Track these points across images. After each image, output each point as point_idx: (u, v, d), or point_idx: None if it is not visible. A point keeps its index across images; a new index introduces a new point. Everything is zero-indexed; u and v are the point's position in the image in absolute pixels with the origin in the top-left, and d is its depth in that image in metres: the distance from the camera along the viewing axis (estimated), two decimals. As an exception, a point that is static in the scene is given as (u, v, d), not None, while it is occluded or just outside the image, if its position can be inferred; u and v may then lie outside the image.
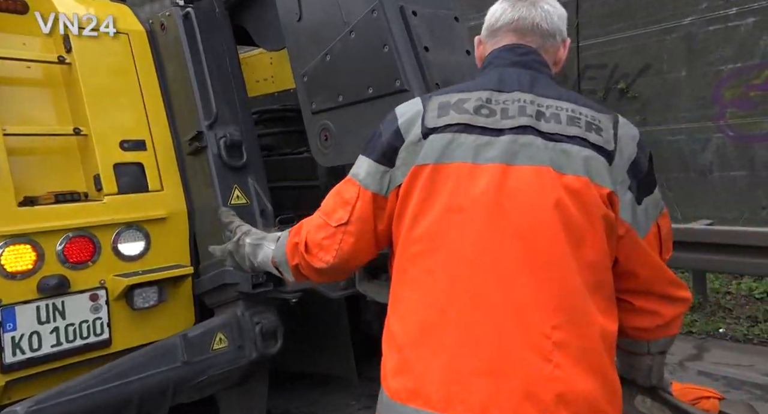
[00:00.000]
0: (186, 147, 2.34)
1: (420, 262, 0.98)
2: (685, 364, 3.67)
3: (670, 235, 1.07)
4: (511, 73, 1.06)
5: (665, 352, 1.17)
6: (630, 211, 0.97)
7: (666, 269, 1.03)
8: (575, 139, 0.97)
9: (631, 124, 1.05)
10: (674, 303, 1.06)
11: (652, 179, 1.03)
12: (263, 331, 2.19)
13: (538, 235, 0.93)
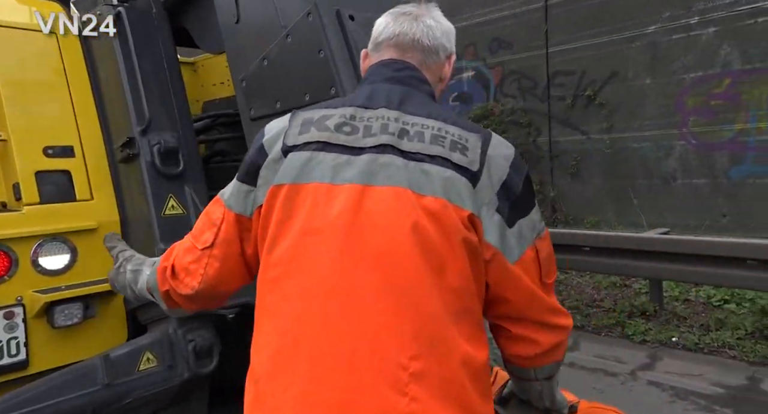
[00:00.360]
0: (118, 154, 2.23)
1: (277, 289, 0.92)
2: (637, 374, 3.68)
3: (552, 259, 1.02)
4: (382, 90, 1.02)
5: (552, 377, 1.12)
6: (497, 234, 0.92)
7: (542, 296, 0.98)
8: (437, 159, 0.92)
9: (507, 144, 1.00)
10: (553, 330, 1.00)
11: (529, 201, 0.98)
12: (197, 350, 2.08)
13: (396, 260, 0.88)
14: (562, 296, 5.23)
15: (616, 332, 4.39)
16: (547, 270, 0.99)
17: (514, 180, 0.95)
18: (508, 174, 0.94)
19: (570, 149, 7.78)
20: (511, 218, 0.93)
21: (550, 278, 1.01)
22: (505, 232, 0.92)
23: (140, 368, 1.97)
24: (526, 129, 8.14)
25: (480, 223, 0.90)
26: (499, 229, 0.91)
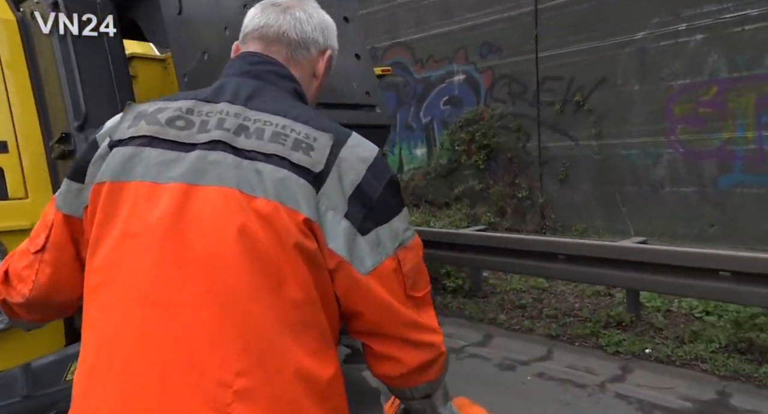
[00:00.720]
0: (54, 150, 2.16)
1: (97, 298, 0.84)
2: (606, 386, 3.60)
3: (420, 270, 0.93)
4: (232, 83, 0.95)
5: (432, 395, 1.03)
6: (344, 241, 0.84)
7: (403, 310, 0.89)
8: (273, 158, 0.85)
9: (368, 146, 0.92)
10: (418, 349, 0.91)
11: (390, 208, 0.90)
12: None
13: (221, 267, 0.80)
14: (541, 304, 5.15)
15: (591, 342, 4.30)
16: (413, 282, 0.91)
17: (371, 184, 0.87)
18: (363, 177, 0.87)
19: (559, 155, 7.70)
20: (365, 225, 0.86)
21: (419, 291, 0.92)
22: (355, 240, 0.85)
23: (67, 378, 1.89)
24: (515, 134, 8.07)
25: (319, 228, 0.83)
26: (347, 236, 0.84)
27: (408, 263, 0.90)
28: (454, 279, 5.55)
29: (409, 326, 0.90)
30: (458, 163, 8.66)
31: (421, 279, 0.93)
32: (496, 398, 3.40)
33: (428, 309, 0.95)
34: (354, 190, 0.86)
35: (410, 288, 0.90)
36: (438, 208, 8.70)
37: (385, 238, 0.87)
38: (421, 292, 0.92)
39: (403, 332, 0.90)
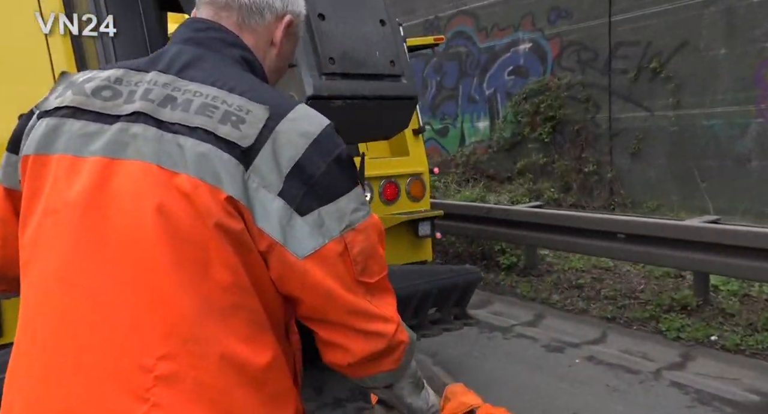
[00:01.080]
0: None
1: (27, 274, 0.82)
2: (662, 373, 3.35)
3: (373, 254, 0.85)
4: (172, 51, 0.88)
5: (395, 386, 0.96)
6: (277, 222, 0.78)
7: (347, 297, 0.82)
8: (197, 131, 0.78)
9: (315, 119, 0.84)
10: (367, 338, 0.84)
11: (336, 186, 0.82)
12: None
13: (142, 248, 0.75)
14: (600, 285, 4.88)
15: (650, 326, 4.02)
16: (364, 267, 0.83)
17: (313, 161, 0.80)
18: (303, 153, 0.79)
19: (632, 127, 7.19)
20: (305, 205, 0.79)
21: (371, 277, 0.84)
22: (291, 221, 0.78)
23: None
24: (584, 105, 7.61)
25: (246, 208, 0.76)
26: (280, 216, 0.78)
27: (357, 246, 0.82)
28: (508, 256, 5.37)
29: (355, 314, 0.83)
30: (522, 137, 8.31)
31: (375, 264, 0.85)
32: (538, 380, 3.27)
33: (384, 296, 0.87)
34: (293, 167, 0.78)
35: (360, 273, 0.83)
36: (499, 183, 8.43)
37: (330, 219, 0.80)
38: (374, 278, 0.85)
39: (349, 320, 0.83)
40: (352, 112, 1.71)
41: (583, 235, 4.31)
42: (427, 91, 9.87)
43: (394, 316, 0.86)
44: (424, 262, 3.55)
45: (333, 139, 0.83)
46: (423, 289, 2.90)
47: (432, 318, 3.08)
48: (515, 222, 4.78)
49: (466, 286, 3.10)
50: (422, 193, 3.63)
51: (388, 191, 3.49)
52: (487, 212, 4.99)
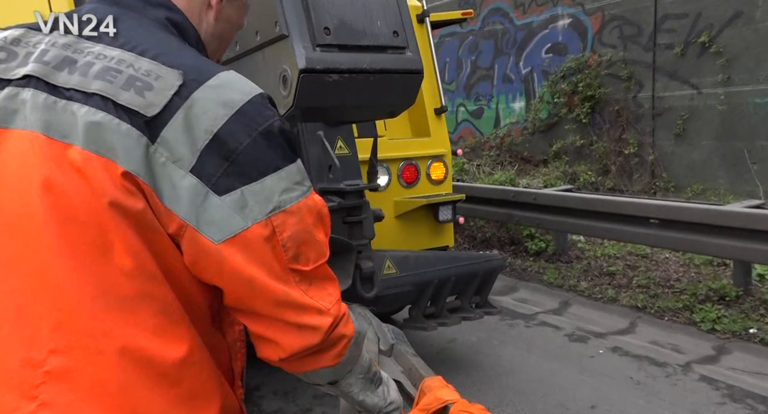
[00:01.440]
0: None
1: None
2: (692, 367, 3.14)
3: (309, 240, 0.76)
4: (83, 10, 0.81)
5: (340, 382, 0.88)
6: (188, 202, 0.69)
7: (276, 287, 0.73)
8: (93, 98, 0.69)
9: (242, 87, 0.74)
10: (300, 331, 0.75)
11: (264, 163, 0.72)
12: None
13: (30, 229, 0.68)
14: (633, 272, 4.63)
15: (683, 317, 3.79)
16: (297, 254, 0.74)
17: (235, 133, 0.71)
18: (223, 125, 0.70)
19: (677, 106, 6.77)
20: (224, 183, 0.70)
21: (306, 264, 0.75)
22: (205, 201, 0.69)
23: None
24: (625, 83, 7.22)
25: (147, 185, 0.68)
26: (192, 195, 0.69)
27: (288, 230, 0.73)
28: (537, 242, 5.18)
29: (284, 305, 0.74)
30: (558, 118, 7.98)
31: (310, 250, 0.76)
32: (558, 370, 3.13)
33: (324, 285, 0.78)
34: (210, 141, 0.69)
35: (292, 260, 0.74)
36: (534, 166, 8.15)
37: (254, 200, 0.71)
38: (309, 265, 0.76)
39: (278, 312, 0.74)
40: (351, 88, 1.59)
41: (614, 220, 4.08)
42: (461, 72, 9.61)
43: (333, 307, 0.77)
44: (445, 248, 3.43)
45: (262, 110, 0.74)
46: (440, 276, 2.80)
47: (451, 306, 2.98)
48: (543, 206, 4.58)
49: (487, 273, 2.98)
50: (444, 176, 3.49)
51: (407, 174, 3.36)
52: (513, 196, 4.80)
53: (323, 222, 0.79)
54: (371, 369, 0.93)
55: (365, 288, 2.48)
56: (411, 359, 1.36)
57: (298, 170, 0.76)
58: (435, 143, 3.47)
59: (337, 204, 2.45)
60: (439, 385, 1.21)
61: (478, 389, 2.92)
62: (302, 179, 0.76)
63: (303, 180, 0.76)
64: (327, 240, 0.79)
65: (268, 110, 0.74)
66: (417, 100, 3.67)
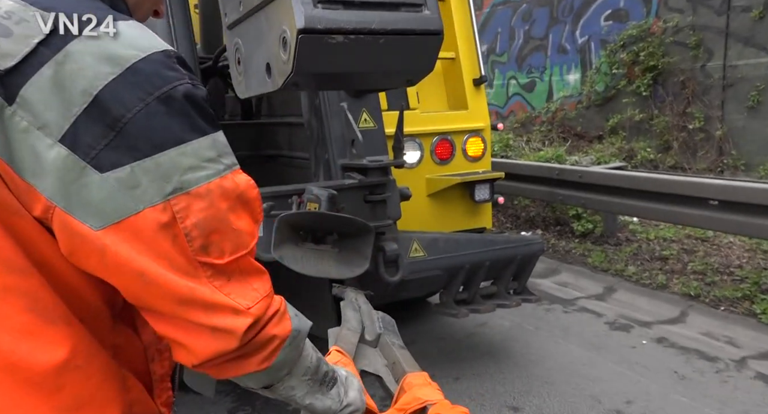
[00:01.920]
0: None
1: None
2: (747, 362, 2.87)
3: (221, 227, 0.63)
4: None
5: (276, 386, 0.76)
6: (57, 178, 0.58)
7: (177, 283, 0.61)
8: None
9: (137, 40, 0.62)
10: (214, 334, 0.63)
11: (162, 134, 0.61)
12: None
13: None
14: (689, 258, 4.30)
15: (741, 307, 3.47)
16: (205, 244, 0.63)
17: (123, 97, 0.59)
18: (107, 86, 0.58)
19: (751, 75, 6.19)
20: (107, 157, 0.58)
21: (220, 256, 0.64)
22: (81, 179, 0.58)
23: None
24: (693, 51, 6.65)
25: (0, 157, 0.58)
26: (60, 170, 0.58)
27: (193, 216, 0.62)
28: (584, 222, 4.90)
29: (189, 303, 0.62)
30: (616, 90, 7.48)
31: (225, 239, 0.64)
32: (594, 360, 2.94)
33: (246, 280, 0.66)
34: (89, 104, 0.58)
35: (200, 251, 0.62)
36: (588, 143, 7.72)
37: (148, 179, 0.60)
38: (225, 258, 0.64)
39: (182, 311, 0.63)
40: (358, 52, 1.41)
41: (667, 201, 3.76)
42: (513, 43, 9.17)
43: (256, 306, 0.65)
44: (482, 230, 3.23)
45: (162, 71, 0.61)
46: (473, 260, 2.62)
47: (486, 292, 2.79)
48: (589, 185, 4.29)
49: (526, 258, 2.77)
50: (481, 152, 3.27)
51: (441, 149, 3.16)
52: (558, 174, 4.53)
53: (248, 207, 0.67)
54: (320, 369, 0.83)
55: (389, 271, 2.33)
56: (396, 352, 1.26)
57: (213, 145, 0.64)
58: (473, 116, 3.24)
59: (357, 181, 2.31)
60: (422, 382, 1.12)
61: (504, 377, 2.78)
62: (217, 156, 0.64)
63: (219, 157, 0.64)
64: (253, 228, 0.68)
65: (173, 71, 0.62)
66: (455, 69, 3.44)
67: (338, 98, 2.47)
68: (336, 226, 1.75)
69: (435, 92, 3.30)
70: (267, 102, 3.21)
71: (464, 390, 2.67)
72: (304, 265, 1.69)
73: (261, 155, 3.04)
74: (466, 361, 2.96)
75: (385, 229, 2.33)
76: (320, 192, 1.92)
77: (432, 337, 3.23)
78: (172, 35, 2.09)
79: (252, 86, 1.63)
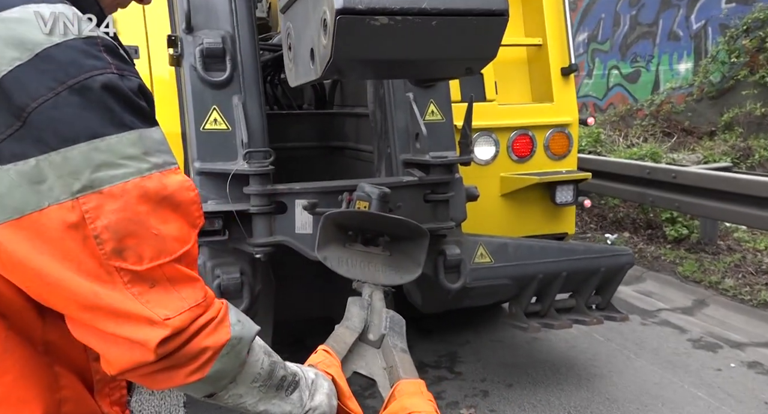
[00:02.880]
0: (169, 58, 2.24)
1: None
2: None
3: (138, 231, 0.60)
4: None
5: (216, 395, 0.72)
6: None
7: (82, 286, 0.58)
8: None
9: (48, 25, 0.59)
10: (131, 346, 0.60)
11: (72, 126, 0.58)
12: (222, 289, 1.94)
13: None
14: (742, 253, 3.80)
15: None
16: (118, 248, 0.59)
17: (29, 85, 0.57)
18: (11, 72, 0.57)
19: None
20: (8, 149, 0.57)
21: (138, 262, 0.60)
22: None
23: None
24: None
25: None
26: None
27: (106, 217, 0.58)
28: (678, 227, 4.49)
29: (96, 311, 0.59)
30: (735, 81, 6.74)
31: (143, 244, 0.60)
32: (669, 380, 2.70)
33: (172, 289, 0.62)
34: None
35: (113, 255, 0.59)
36: (698, 139, 7.04)
37: (55, 174, 0.57)
38: (143, 264, 0.60)
39: (89, 318, 0.60)
40: (406, 35, 1.28)
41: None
42: (617, 30, 8.53)
43: (175, 316, 0.61)
44: (563, 235, 2.99)
45: (80, 59, 0.59)
46: (547, 270, 2.39)
47: (563, 305, 2.55)
48: (684, 186, 3.90)
49: (612, 270, 2.48)
50: (566, 150, 3.02)
51: (520, 145, 2.95)
52: (649, 173, 4.16)
53: (179, 211, 0.63)
54: (274, 374, 0.77)
55: (450, 278, 2.20)
56: (396, 356, 1.19)
57: (137, 141, 0.60)
58: (559, 110, 2.99)
59: (417, 178, 2.17)
60: (413, 391, 1.04)
61: (561, 389, 2.63)
62: (142, 153, 0.60)
63: (144, 154, 0.61)
64: (186, 233, 0.64)
65: (94, 60, 0.59)
66: (541, 57, 3.20)
67: (404, 88, 2.34)
68: (387, 228, 1.65)
69: (517, 82, 3.07)
70: (340, 91, 3.19)
71: (515, 398, 2.56)
72: (349, 269, 1.61)
73: (329, 146, 3.03)
74: (522, 367, 2.84)
75: (446, 232, 2.19)
76: (371, 190, 1.83)
77: (488, 339, 3.13)
78: (233, 19, 2.06)
79: (300, 74, 1.58)
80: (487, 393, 2.59)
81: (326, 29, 1.25)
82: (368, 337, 1.28)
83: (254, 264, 2.04)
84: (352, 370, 1.15)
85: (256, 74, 2.15)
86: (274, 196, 1.96)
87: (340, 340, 1.18)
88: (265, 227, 1.98)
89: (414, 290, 2.46)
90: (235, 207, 1.92)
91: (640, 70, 8.18)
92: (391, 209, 1.99)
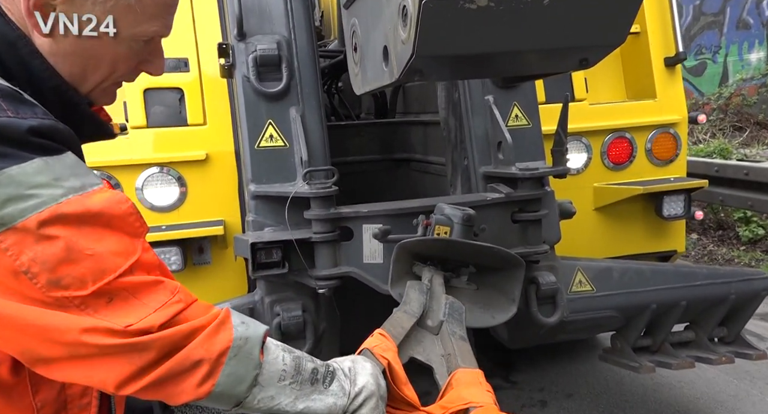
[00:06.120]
0: (220, 69, 2.00)
1: None
2: None
3: (72, 258, 0.63)
4: None
5: (244, 402, 0.74)
6: None
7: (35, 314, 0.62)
8: None
9: None
10: (110, 364, 0.65)
11: None
12: (282, 329, 1.74)
13: None
14: None
15: None
16: (54, 279, 0.63)
17: None
18: None
19: None
20: None
21: (80, 287, 0.64)
22: None
23: None
24: None
25: None
26: None
27: (30, 250, 0.62)
28: (753, 227, 4.14)
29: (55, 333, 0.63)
30: (814, 68, 6.17)
31: (79, 269, 0.64)
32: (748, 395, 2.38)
33: (130, 297, 0.67)
34: None
35: (51, 287, 0.63)
36: (771, 134, 6.53)
37: None
38: (88, 287, 0.64)
39: (59, 352, 0.65)
40: (509, 20, 1.04)
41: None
42: (679, 21, 8.03)
43: (138, 322, 0.66)
44: (672, 253, 2.61)
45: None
46: (662, 299, 2.03)
47: (678, 338, 2.16)
48: (758, 184, 3.57)
49: (742, 298, 2.09)
50: (673, 153, 2.64)
51: (617, 151, 2.58)
52: (717, 170, 3.88)
53: (114, 226, 0.67)
54: (302, 368, 0.78)
55: (544, 310, 1.88)
56: (454, 344, 1.16)
57: (43, 169, 0.64)
58: (663, 107, 2.61)
59: (504, 195, 1.86)
60: (470, 381, 1.03)
61: (625, 400, 2.43)
62: (50, 180, 0.64)
63: (53, 181, 0.64)
64: (126, 245, 0.68)
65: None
66: (639, 47, 2.73)
67: (482, 90, 2.04)
68: (473, 258, 1.41)
69: (609, 78, 2.68)
70: (402, 97, 2.89)
71: (575, 408, 2.36)
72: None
73: (393, 159, 2.74)
74: (582, 375, 2.61)
75: (539, 257, 1.88)
76: (453, 212, 1.55)
77: (545, 345, 2.73)
78: (289, 21, 1.87)
79: (368, 78, 1.35)
80: (545, 403, 2.45)
81: (407, 19, 1.04)
82: (426, 322, 1.23)
83: (317, 299, 1.83)
84: (408, 355, 1.13)
85: (316, 83, 1.91)
86: (338, 221, 1.72)
87: (398, 325, 1.15)
88: (329, 257, 1.74)
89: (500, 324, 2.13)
90: (295, 235, 1.69)
91: (706, 62, 7.69)
92: (476, 233, 1.70)
